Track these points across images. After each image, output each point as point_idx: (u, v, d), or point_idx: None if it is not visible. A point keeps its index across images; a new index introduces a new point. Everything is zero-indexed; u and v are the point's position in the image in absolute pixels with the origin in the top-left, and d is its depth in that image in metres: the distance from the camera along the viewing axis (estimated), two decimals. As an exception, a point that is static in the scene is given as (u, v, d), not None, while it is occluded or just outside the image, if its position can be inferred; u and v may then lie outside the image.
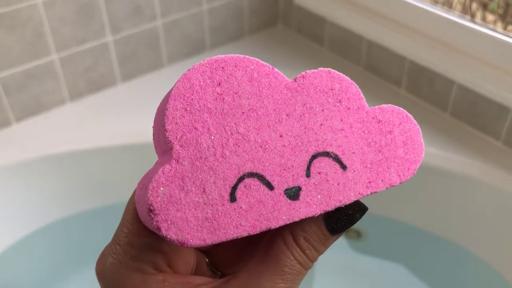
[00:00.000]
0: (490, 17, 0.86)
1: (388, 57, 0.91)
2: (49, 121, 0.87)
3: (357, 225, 0.90)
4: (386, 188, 0.23)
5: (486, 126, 0.81)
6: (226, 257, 0.28)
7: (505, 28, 0.84)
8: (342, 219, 0.23)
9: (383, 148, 0.23)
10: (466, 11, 0.86)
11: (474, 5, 0.86)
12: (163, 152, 0.22)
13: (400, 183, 0.23)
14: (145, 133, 0.83)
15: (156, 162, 0.23)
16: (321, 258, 0.25)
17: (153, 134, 0.23)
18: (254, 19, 1.07)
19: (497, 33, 0.75)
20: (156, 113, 0.23)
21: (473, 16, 0.86)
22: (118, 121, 0.87)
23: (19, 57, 0.81)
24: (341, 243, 0.88)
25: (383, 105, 0.24)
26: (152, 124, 0.24)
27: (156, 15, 0.93)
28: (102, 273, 0.24)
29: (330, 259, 0.84)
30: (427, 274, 0.85)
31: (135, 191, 0.24)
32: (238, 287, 0.23)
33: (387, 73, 0.93)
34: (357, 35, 0.95)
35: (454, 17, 0.79)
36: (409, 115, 0.24)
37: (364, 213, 0.23)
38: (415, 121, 0.24)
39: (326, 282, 0.84)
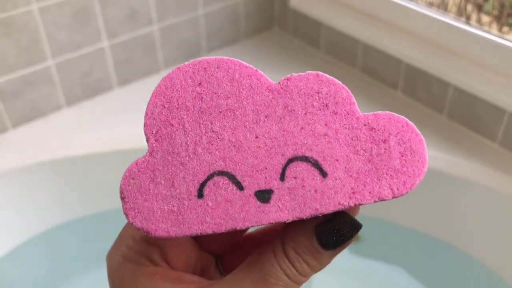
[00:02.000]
0: (485, 18, 0.86)
1: (384, 60, 0.91)
2: (45, 127, 0.87)
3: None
4: (375, 202, 0.22)
5: (482, 128, 0.81)
6: (237, 263, 0.28)
7: (500, 29, 0.84)
8: (332, 233, 0.22)
9: (374, 157, 0.22)
10: (461, 13, 0.87)
11: (469, 7, 0.86)
12: None
13: (393, 197, 0.22)
14: (142, 138, 0.83)
15: None
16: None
17: None
18: (250, 23, 1.08)
19: (492, 35, 0.75)
20: None
21: (468, 18, 0.86)
22: (115, 126, 0.87)
23: (15, 63, 0.81)
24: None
25: (379, 111, 0.22)
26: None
27: (152, 19, 0.93)
28: (107, 260, 0.25)
29: (328, 262, 0.84)
30: (425, 276, 0.85)
31: None
32: None
33: (383, 76, 0.93)
34: (353, 38, 0.95)
35: (449, 20, 0.80)
36: (411, 124, 0.22)
37: (357, 231, 0.22)
38: (418, 131, 0.22)
39: (324, 285, 0.84)
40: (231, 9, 1.02)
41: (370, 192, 0.22)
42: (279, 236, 0.23)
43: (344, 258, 0.87)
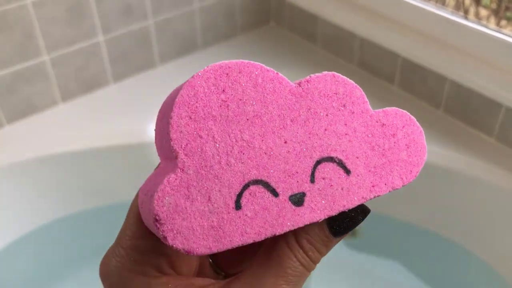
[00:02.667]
0: (484, 12, 0.86)
1: (381, 54, 0.91)
2: (41, 123, 0.86)
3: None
4: (389, 192, 0.23)
5: (479, 122, 0.81)
6: (229, 257, 0.28)
7: (498, 23, 0.84)
8: (345, 222, 0.23)
9: (387, 151, 0.23)
10: (459, 6, 0.86)
11: (467, 1, 0.86)
12: (166, 158, 0.22)
13: (402, 186, 0.24)
14: (138, 133, 0.83)
15: (158, 166, 0.23)
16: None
17: (155, 137, 0.23)
18: (246, 17, 1.07)
19: (490, 30, 0.75)
20: (158, 117, 0.23)
21: (466, 11, 0.86)
22: (110, 121, 0.86)
23: (9, 59, 0.80)
24: (336, 241, 0.88)
25: (387, 108, 0.24)
26: (148, 125, 0.23)
27: (147, 14, 0.92)
28: (105, 275, 0.24)
29: (326, 257, 0.84)
30: (423, 271, 0.85)
31: (137, 194, 0.24)
32: None
33: (380, 70, 0.93)
34: (349, 33, 0.95)
35: (446, 14, 0.79)
36: (413, 117, 0.24)
37: (367, 215, 0.24)
38: (418, 123, 0.24)
39: (322, 281, 0.84)
40: (227, 3, 1.02)
41: (385, 184, 0.23)
42: None
43: (342, 253, 0.87)
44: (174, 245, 0.21)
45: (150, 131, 0.82)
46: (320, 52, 1.03)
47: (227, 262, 0.29)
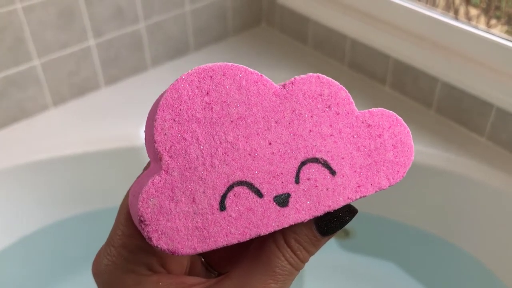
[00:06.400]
0: (473, 11, 0.87)
1: (372, 55, 0.91)
2: (32, 128, 0.86)
3: (345, 224, 0.89)
4: (376, 192, 0.24)
5: (471, 122, 0.81)
6: (221, 256, 0.29)
7: (488, 22, 0.84)
8: (333, 222, 0.23)
9: (373, 152, 0.23)
10: (449, 6, 0.87)
11: (457, 0, 0.87)
12: (153, 159, 0.23)
13: (389, 186, 0.24)
14: (130, 137, 0.82)
15: (147, 167, 0.24)
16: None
17: (145, 139, 0.24)
18: (238, 19, 1.07)
19: (480, 31, 0.76)
20: (147, 119, 0.23)
21: (456, 11, 0.86)
22: (102, 125, 0.86)
23: (0, 63, 0.80)
24: (329, 242, 0.88)
25: (373, 109, 0.24)
26: (141, 129, 0.23)
27: (138, 17, 0.92)
28: (97, 274, 0.25)
29: (318, 258, 0.84)
30: (417, 270, 0.85)
31: (127, 194, 0.24)
32: (230, 287, 0.23)
33: (371, 71, 0.93)
34: (340, 34, 0.95)
35: (437, 15, 0.80)
36: (399, 118, 0.24)
37: (354, 215, 0.24)
38: (405, 123, 0.24)
39: (316, 281, 0.84)
40: (218, 5, 1.02)
41: (371, 184, 0.23)
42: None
43: (336, 254, 0.87)
44: (158, 246, 0.21)
45: (142, 135, 0.81)
46: (311, 53, 1.03)
47: (219, 262, 0.29)
